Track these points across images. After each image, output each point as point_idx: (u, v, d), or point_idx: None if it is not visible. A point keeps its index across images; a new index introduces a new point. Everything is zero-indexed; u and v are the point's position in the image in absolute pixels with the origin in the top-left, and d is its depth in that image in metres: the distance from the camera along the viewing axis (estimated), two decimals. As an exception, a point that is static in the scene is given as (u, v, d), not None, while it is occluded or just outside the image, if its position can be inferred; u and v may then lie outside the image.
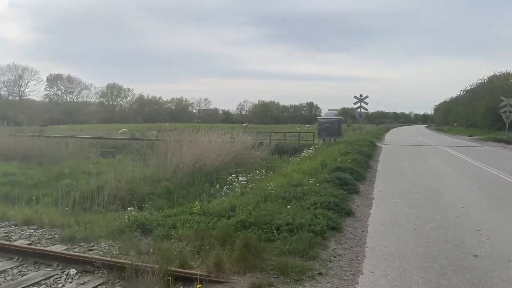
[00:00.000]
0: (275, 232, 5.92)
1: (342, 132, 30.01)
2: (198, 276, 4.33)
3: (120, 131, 31.89)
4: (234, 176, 11.77)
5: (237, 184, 10.71)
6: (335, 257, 5.45)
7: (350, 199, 8.90)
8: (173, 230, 6.18)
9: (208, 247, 5.44)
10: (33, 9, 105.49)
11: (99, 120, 62.04)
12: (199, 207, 7.22)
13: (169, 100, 77.64)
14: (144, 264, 4.66)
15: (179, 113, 72.23)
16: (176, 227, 6.24)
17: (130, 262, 4.64)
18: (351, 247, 5.93)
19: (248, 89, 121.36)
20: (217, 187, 11.94)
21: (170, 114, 70.63)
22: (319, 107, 76.59)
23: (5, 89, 66.05)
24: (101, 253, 5.65)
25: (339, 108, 58.09)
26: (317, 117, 37.04)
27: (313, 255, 5.31)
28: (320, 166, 12.18)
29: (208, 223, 6.42)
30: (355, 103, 35.41)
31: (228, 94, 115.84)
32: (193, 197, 12.36)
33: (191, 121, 60.44)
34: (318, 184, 9.22)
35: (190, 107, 79.20)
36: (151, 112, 72.56)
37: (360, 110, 35.53)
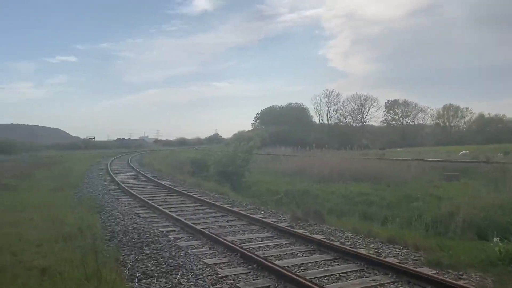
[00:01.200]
0: None
1: None
2: None
3: (460, 153, 30.04)
4: None
5: None
6: None
7: None
8: None
9: None
10: (371, 43, 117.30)
11: (435, 142, 60.92)
12: None
13: (515, 117, 67.43)
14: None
15: (528, 131, 61.46)
16: None
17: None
18: None
19: None
20: None
21: (516, 133, 61.14)
22: None
23: (350, 117, 75.22)
24: (473, 284, 5.41)
25: None
26: None
27: None
28: None
29: None
30: None
31: None
32: None
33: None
34: None
35: (546, 123, 65.85)
36: (492, 131, 65.03)
37: None
